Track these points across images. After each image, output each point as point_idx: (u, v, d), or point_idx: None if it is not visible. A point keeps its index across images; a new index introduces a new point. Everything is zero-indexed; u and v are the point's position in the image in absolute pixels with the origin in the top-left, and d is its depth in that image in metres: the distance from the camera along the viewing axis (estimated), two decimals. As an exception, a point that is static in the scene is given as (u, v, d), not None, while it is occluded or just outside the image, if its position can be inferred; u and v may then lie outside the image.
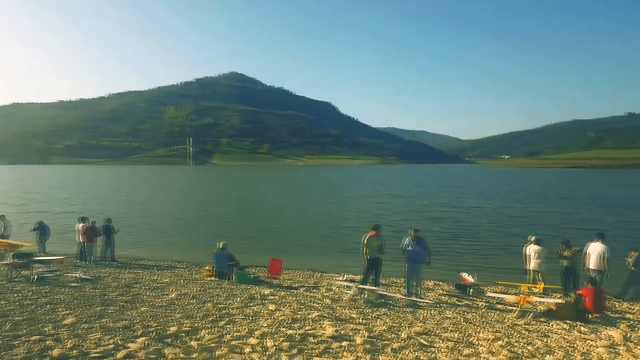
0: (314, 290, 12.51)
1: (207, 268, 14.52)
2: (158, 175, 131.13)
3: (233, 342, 6.83)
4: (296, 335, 7.20)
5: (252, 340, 6.93)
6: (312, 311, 9.23)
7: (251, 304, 9.82)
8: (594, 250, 12.51)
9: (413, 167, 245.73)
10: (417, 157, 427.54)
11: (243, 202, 47.80)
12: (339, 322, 8.37)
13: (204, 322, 8.07)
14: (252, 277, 13.59)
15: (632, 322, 9.78)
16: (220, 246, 14.16)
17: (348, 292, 11.68)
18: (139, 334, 7.09)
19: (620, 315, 10.63)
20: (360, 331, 7.66)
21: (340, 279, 14.14)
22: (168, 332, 7.24)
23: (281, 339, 7.00)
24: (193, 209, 39.02)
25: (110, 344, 6.49)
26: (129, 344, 6.53)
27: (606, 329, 9.01)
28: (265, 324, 7.97)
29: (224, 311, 8.99)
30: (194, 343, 6.71)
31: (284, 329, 7.68)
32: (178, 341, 6.85)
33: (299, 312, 9.08)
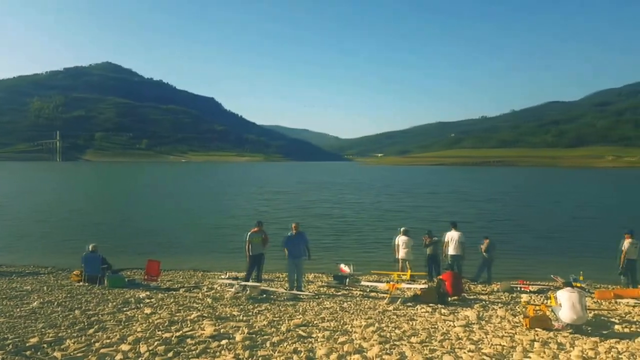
0: (195, 290, 12.21)
1: (75, 273, 13.36)
2: (15, 172, 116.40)
3: (102, 350, 6.43)
4: (173, 338, 6.99)
5: (124, 347, 6.57)
6: (192, 312, 9.01)
7: (125, 309, 9.29)
8: (451, 238, 14.00)
9: (297, 165, 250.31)
10: (300, 155, 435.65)
11: (118, 201, 44.60)
12: (219, 320, 8.29)
13: (70, 330, 7.47)
14: (127, 281, 12.83)
15: (484, 302, 11.08)
16: (90, 249, 13.12)
17: (230, 290, 11.62)
18: (-9, 349, 6.34)
19: (475, 296, 12.01)
20: (241, 328, 7.67)
21: (223, 277, 13.99)
22: (28, 344, 6.58)
23: (156, 343, 6.74)
24: (58, 209, 35.41)
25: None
26: (-22, 362, 5.82)
27: (463, 309, 10.10)
28: (139, 329, 7.60)
29: (93, 318, 8.39)
30: (57, 354, 6.19)
31: (160, 332, 7.41)
32: (39, 353, 6.26)
33: (178, 314, 8.81)
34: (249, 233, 12.31)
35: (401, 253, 14.44)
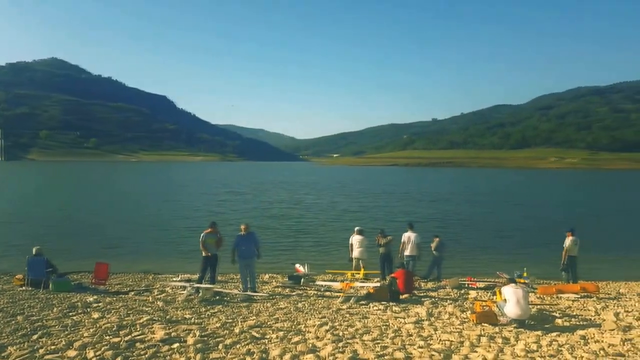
0: (146, 293, 11.89)
1: (18, 277, 12.70)
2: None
3: (47, 357, 6.19)
4: (122, 343, 6.80)
5: (71, 353, 6.34)
6: (142, 316, 8.78)
7: (71, 314, 8.93)
8: (408, 238, 14.40)
9: (253, 165, 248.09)
10: (256, 155, 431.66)
11: (64, 202, 42.61)
12: (170, 324, 8.12)
13: (12, 337, 7.13)
14: (73, 285, 12.32)
15: (434, 299, 11.44)
16: (35, 252, 12.52)
17: (183, 292, 11.42)
18: None
19: (425, 294, 12.35)
20: (193, 331, 7.55)
21: (176, 279, 13.73)
22: (-36, 354, 6.22)
23: (104, 348, 6.53)
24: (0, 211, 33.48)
25: None
26: None
27: (414, 306, 10.38)
28: (86, 334, 7.34)
29: (37, 324, 8.02)
30: (-3, 363, 5.89)
31: (109, 337, 7.18)
32: (-24, 363, 5.94)
33: (127, 318, 8.55)
34: (202, 234, 12.15)
35: (355, 252, 14.68)
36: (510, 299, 8.68)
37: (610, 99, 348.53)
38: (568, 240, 13.55)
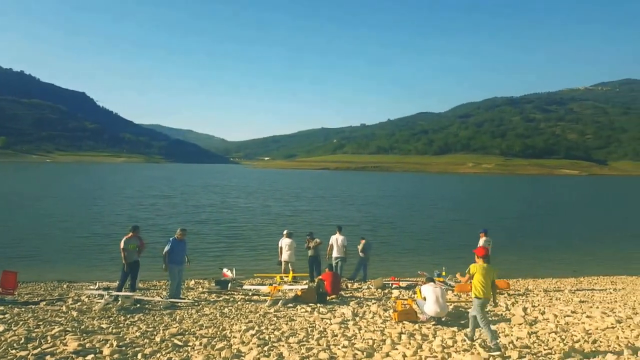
0: (59, 303, 11.11)
1: None
2: None
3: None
4: (30, 357, 6.34)
5: (-31, 371, 5.81)
6: (54, 327, 8.20)
7: (-28, 328, 8.16)
8: (336, 241, 14.69)
9: (180, 167, 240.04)
10: (184, 156, 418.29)
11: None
12: (85, 335, 7.67)
13: None
14: (-26, 296, 11.26)
15: (360, 299, 11.73)
16: None
17: (100, 301, 10.82)
18: None
19: (351, 294, 12.64)
20: (110, 341, 7.18)
21: (93, 287, 12.98)
22: None
23: (9, 363, 6.06)
24: None
25: None
26: None
27: (340, 307, 10.58)
28: (-11, 349, 6.75)
29: None
30: None
31: (15, 350, 6.65)
32: None
33: (37, 330, 7.95)
34: (123, 239, 11.58)
35: (284, 255, 14.75)
36: (429, 297, 9.11)
37: (523, 109, 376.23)
38: (481, 241, 14.39)
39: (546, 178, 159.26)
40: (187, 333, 8.00)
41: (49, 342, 7.15)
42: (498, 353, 6.69)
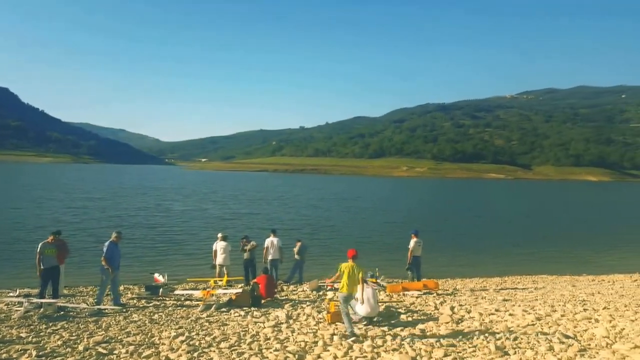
0: (-29, 313, 10.28)
1: None
2: None
3: None
4: None
5: None
6: (-36, 339, 7.59)
7: None
8: (271, 243, 14.67)
9: (111, 167, 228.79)
10: (115, 157, 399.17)
11: None
12: (1, 344, 7.21)
13: None
14: None
15: (294, 302, 11.75)
16: None
17: (19, 308, 10.14)
18: None
19: (286, 297, 12.66)
20: (28, 351, 6.78)
21: (12, 294, 12.11)
22: None
23: None
24: None
25: None
26: None
27: (274, 310, 10.56)
28: None
29: None
30: None
31: None
32: None
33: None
34: (40, 244, 10.92)
35: (219, 259, 14.50)
36: (361, 298, 9.31)
37: (453, 115, 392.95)
38: (412, 242, 14.88)
39: (474, 181, 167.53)
40: (113, 341, 7.70)
41: (-44, 356, 6.62)
42: (353, 338, 7.67)
